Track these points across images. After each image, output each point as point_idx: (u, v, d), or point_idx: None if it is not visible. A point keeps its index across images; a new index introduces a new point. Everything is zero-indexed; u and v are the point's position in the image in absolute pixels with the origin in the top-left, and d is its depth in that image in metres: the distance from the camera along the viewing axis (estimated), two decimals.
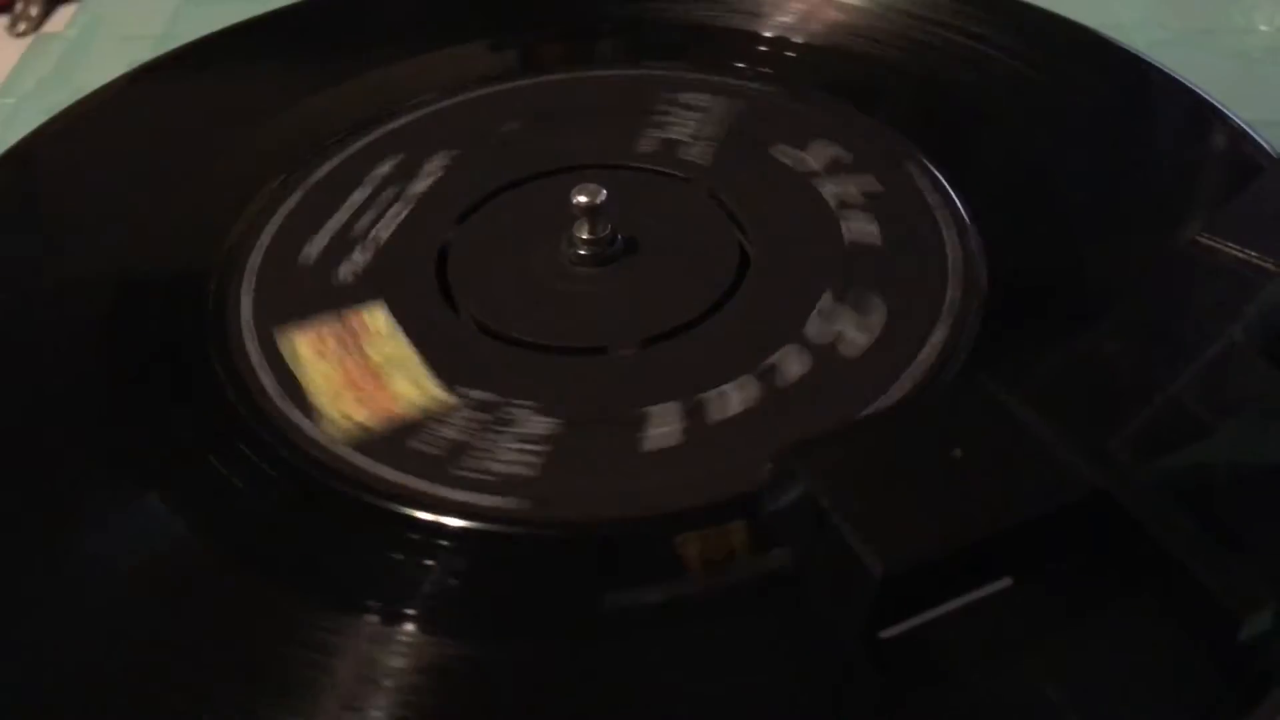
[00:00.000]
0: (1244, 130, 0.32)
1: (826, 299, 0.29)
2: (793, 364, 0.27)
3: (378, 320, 0.30)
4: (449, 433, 0.26)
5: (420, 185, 0.34)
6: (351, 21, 0.42)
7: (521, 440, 0.26)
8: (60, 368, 0.29)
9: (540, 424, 0.26)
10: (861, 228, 0.31)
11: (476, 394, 0.27)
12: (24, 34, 0.55)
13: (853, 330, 0.28)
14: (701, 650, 0.22)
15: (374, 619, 0.23)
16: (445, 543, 0.24)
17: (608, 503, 0.25)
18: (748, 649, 0.22)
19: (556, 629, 0.23)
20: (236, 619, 0.23)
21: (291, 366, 0.28)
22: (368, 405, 0.27)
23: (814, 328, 0.28)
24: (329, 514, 0.25)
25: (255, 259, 0.32)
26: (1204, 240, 0.27)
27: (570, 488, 0.25)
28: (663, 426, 0.26)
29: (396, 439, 0.26)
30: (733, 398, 0.27)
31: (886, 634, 0.21)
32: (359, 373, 0.28)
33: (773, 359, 0.28)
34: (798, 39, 0.38)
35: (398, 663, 0.22)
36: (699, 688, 0.22)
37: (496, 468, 0.26)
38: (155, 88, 0.39)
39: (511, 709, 0.22)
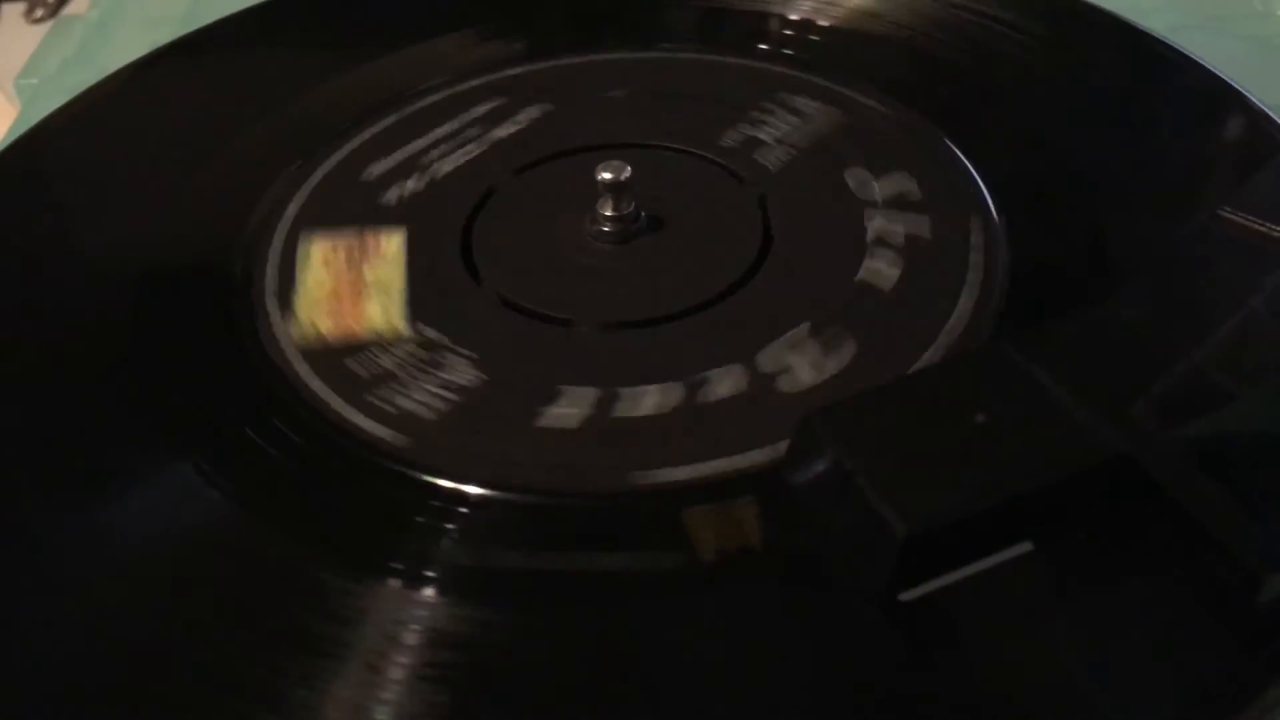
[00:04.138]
0: (1264, 112, 0.32)
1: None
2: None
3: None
4: (385, 361, 0.27)
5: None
6: (373, 2, 0.42)
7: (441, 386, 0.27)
8: (76, 346, 0.30)
9: (466, 374, 0.27)
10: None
11: (430, 333, 0.28)
12: (41, 20, 0.56)
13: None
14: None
15: None
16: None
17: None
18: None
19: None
20: None
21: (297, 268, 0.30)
22: (335, 318, 0.28)
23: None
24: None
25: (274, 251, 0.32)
26: (1225, 214, 0.28)
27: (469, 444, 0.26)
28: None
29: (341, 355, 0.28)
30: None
31: (906, 596, 0.21)
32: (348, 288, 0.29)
33: None
34: (823, 22, 0.39)
35: None
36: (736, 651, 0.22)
37: (402, 403, 0.26)
38: (173, 70, 0.39)
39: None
